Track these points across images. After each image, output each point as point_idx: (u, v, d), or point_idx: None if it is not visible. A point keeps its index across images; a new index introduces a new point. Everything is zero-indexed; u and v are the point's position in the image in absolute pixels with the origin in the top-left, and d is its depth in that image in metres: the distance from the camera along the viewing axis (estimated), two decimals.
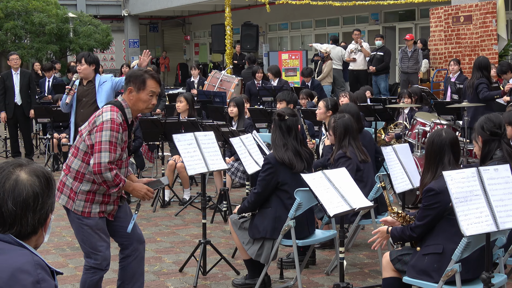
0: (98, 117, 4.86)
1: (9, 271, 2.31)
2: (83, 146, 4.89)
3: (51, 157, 12.32)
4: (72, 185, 4.91)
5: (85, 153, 4.87)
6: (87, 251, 5.06)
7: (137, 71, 5.00)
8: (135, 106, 4.94)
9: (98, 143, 4.77)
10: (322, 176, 5.32)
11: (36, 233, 2.46)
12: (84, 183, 4.89)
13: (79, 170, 4.89)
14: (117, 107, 4.90)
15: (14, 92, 12.77)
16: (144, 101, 4.92)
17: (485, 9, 15.94)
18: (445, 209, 4.69)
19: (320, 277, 6.54)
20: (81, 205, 4.91)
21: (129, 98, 4.93)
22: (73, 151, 4.97)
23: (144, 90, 4.90)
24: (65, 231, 8.28)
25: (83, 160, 4.88)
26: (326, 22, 26.51)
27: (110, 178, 4.78)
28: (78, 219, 4.96)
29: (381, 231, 5.12)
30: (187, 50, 35.98)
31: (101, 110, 4.92)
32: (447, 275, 4.51)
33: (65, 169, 4.99)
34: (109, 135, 4.76)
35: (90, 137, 4.84)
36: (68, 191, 4.93)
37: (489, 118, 5.48)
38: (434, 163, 4.89)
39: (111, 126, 4.77)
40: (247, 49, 20.15)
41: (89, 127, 4.89)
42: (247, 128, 9.42)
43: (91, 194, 4.91)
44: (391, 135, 10.75)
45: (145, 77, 4.91)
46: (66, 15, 24.19)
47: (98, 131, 4.79)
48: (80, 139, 4.94)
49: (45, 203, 2.43)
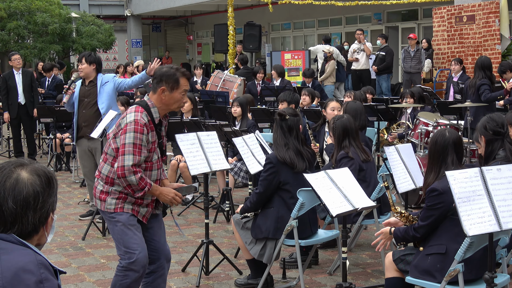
0: (123, 119, 4.75)
1: (13, 271, 2.32)
2: (111, 150, 4.78)
3: (54, 157, 12.33)
4: (103, 187, 4.83)
5: (113, 158, 4.76)
6: (121, 251, 4.85)
7: (168, 69, 4.83)
8: (167, 105, 4.83)
9: (122, 145, 4.66)
10: (325, 176, 5.32)
11: (37, 232, 2.46)
12: (115, 186, 4.79)
13: (108, 175, 4.79)
14: (143, 107, 4.77)
15: (17, 92, 12.78)
16: (177, 100, 4.83)
17: (488, 9, 15.92)
18: (449, 209, 4.69)
19: (323, 277, 6.54)
20: (112, 202, 4.80)
21: (160, 98, 4.79)
22: (103, 156, 4.87)
23: (178, 89, 4.79)
24: (68, 231, 8.29)
25: (111, 165, 4.77)
26: (328, 22, 26.51)
27: (134, 181, 4.66)
28: (112, 218, 4.84)
29: (384, 232, 5.11)
30: (189, 50, 35.99)
31: (126, 111, 4.81)
32: (450, 275, 4.51)
33: (97, 175, 4.91)
34: (133, 137, 4.64)
35: (115, 140, 4.75)
36: (99, 193, 4.85)
37: (491, 118, 5.48)
38: (437, 163, 4.88)
39: (134, 127, 4.65)
40: (250, 49, 20.16)
41: (115, 130, 4.80)
42: (250, 128, 9.42)
43: (123, 193, 4.80)
44: (394, 135, 10.74)
45: (178, 75, 4.79)
46: (69, 15, 24.21)
47: (122, 134, 4.69)
48: (108, 144, 4.83)
49: (45, 201, 2.44)
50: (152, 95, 4.84)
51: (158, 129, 4.86)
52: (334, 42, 25.94)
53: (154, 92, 4.82)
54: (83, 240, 7.86)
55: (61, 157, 12.55)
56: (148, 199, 4.84)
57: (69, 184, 11.36)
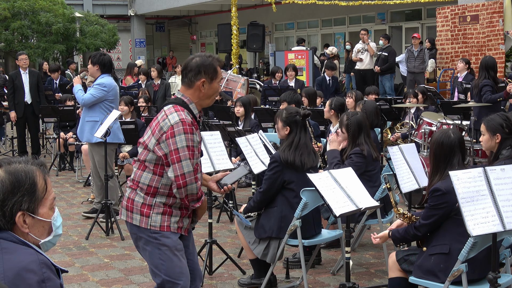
0: (163, 122, 4.18)
1: (15, 270, 2.32)
2: (151, 157, 4.21)
3: (57, 156, 12.34)
4: (145, 199, 4.23)
5: (155, 164, 4.20)
6: (162, 280, 4.26)
7: (204, 59, 4.30)
8: (207, 98, 4.35)
9: (173, 151, 4.10)
10: (328, 176, 5.32)
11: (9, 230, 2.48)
12: (159, 197, 4.23)
13: (150, 184, 4.22)
14: (180, 105, 4.26)
15: (24, 91, 12.80)
16: (216, 90, 4.36)
17: (492, 8, 15.90)
18: (452, 209, 4.68)
19: (326, 277, 6.53)
20: (158, 219, 4.21)
21: (199, 92, 4.27)
22: (139, 164, 4.29)
23: (216, 78, 4.32)
24: (72, 230, 8.30)
25: (154, 173, 4.21)
26: (332, 21, 26.49)
27: (195, 190, 4.16)
28: (155, 239, 4.22)
29: (382, 237, 5.11)
30: (193, 50, 35.99)
31: (164, 113, 4.23)
32: (454, 275, 4.50)
33: (133, 185, 4.31)
34: (184, 139, 4.11)
35: (160, 147, 4.15)
36: (139, 207, 4.24)
37: (507, 116, 5.48)
38: (443, 164, 4.85)
39: (183, 128, 4.12)
40: (253, 48, 20.14)
41: (154, 135, 4.20)
42: (253, 128, 9.41)
43: (167, 206, 4.24)
44: (398, 134, 10.74)
45: (215, 64, 4.32)
46: (72, 15, 24.24)
47: (169, 138, 4.12)
48: (145, 151, 4.26)
49: (6, 200, 2.45)
50: (186, 90, 4.32)
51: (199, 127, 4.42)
52: (337, 42, 25.96)
53: (190, 86, 4.30)
54: (87, 239, 7.86)
55: (65, 156, 12.56)
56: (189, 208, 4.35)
57: (73, 183, 11.36)
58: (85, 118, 8.46)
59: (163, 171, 4.19)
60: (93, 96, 8.33)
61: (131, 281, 6.43)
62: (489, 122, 5.53)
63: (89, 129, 8.36)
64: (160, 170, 4.20)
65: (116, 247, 7.57)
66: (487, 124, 5.52)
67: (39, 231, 2.52)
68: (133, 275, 6.60)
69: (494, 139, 5.47)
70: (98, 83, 8.36)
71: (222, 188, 4.57)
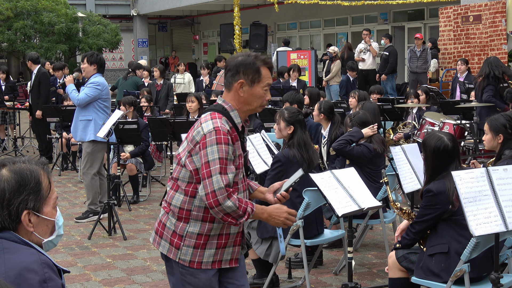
0: (196, 131, 3.66)
1: (16, 270, 2.33)
2: (184, 175, 3.68)
3: (60, 156, 12.35)
4: (176, 227, 3.70)
5: (187, 183, 3.67)
6: None
7: (245, 58, 3.74)
8: (246, 104, 3.75)
9: (204, 165, 3.55)
10: (331, 175, 5.32)
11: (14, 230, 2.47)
12: (191, 223, 3.67)
13: (182, 207, 3.68)
14: (219, 112, 3.70)
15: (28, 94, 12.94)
16: (259, 96, 3.74)
17: (495, 8, 15.89)
18: (444, 211, 4.68)
19: (329, 277, 6.53)
20: (189, 252, 3.67)
21: (237, 95, 3.72)
22: (172, 183, 3.78)
23: (260, 83, 3.71)
24: (74, 230, 8.30)
25: (186, 193, 3.67)
26: (335, 21, 26.49)
27: (233, 206, 3.53)
28: (181, 274, 3.72)
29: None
30: (195, 50, 36.02)
31: (200, 121, 3.70)
32: (456, 275, 4.50)
33: (165, 207, 3.80)
34: (217, 150, 3.54)
35: (192, 160, 3.63)
36: (170, 235, 3.72)
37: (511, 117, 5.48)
38: (440, 171, 4.81)
39: (217, 138, 3.55)
40: (256, 48, 20.15)
41: (187, 146, 3.69)
42: (257, 128, 9.41)
43: (202, 237, 3.67)
44: (400, 135, 10.73)
45: (258, 64, 3.72)
46: (75, 15, 24.28)
47: (201, 149, 3.58)
48: (178, 167, 3.74)
49: (12, 199, 2.45)
50: (226, 94, 3.77)
51: (242, 138, 3.80)
52: (340, 42, 25.94)
53: (230, 89, 3.75)
54: (89, 239, 7.86)
55: (67, 156, 12.57)
56: (234, 232, 3.76)
57: (75, 183, 11.37)
58: (78, 117, 8.50)
59: (196, 191, 3.64)
60: (87, 96, 8.37)
61: (133, 281, 6.44)
62: (492, 122, 5.52)
63: (83, 128, 8.44)
64: (192, 189, 3.65)
65: (118, 247, 7.57)
66: (491, 124, 5.51)
67: (43, 230, 2.53)
68: (136, 275, 6.60)
69: (496, 139, 5.47)
70: (92, 82, 8.41)
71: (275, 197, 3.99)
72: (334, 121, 7.95)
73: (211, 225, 3.66)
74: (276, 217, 3.75)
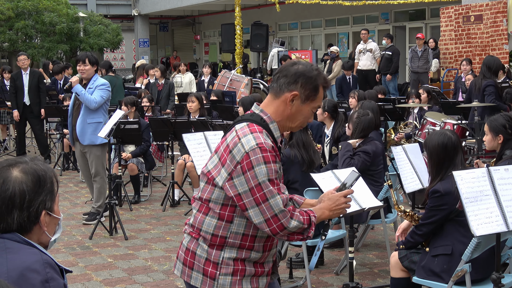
0: (235, 148, 3.14)
1: (19, 270, 2.32)
2: (218, 196, 3.20)
3: (61, 156, 12.36)
4: (209, 254, 3.22)
5: (222, 206, 3.20)
6: None
7: (308, 69, 3.26)
8: (289, 120, 3.29)
9: (256, 188, 3.09)
10: (332, 176, 5.32)
11: (29, 231, 2.46)
12: (227, 250, 3.22)
13: (216, 233, 3.21)
14: (258, 123, 3.22)
15: (24, 93, 12.82)
16: (305, 116, 3.30)
17: (496, 8, 15.88)
18: (451, 211, 4.68)
19: (330, 277, 6.53)
20: (227, 282, 3.21)
21: (284, 107, 3.25)
22: (200, 204, 3.29)
23: (312, 102, 3.27)
24: (75, 230, 8.30)
25: (220, 217, 3.21)
26: (336, 21, 26.49)
27: (299, 224, 3.14)
28: None
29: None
30: (197, 50, 36.04)
31: (236, 134, 3.18)
32: (457, 275, 4.50)
33: (192, 232, 3.32)
34: (266, 172, 3.10)
35: (233, 184, 3.12)
36: (203, 264, 3.24)
37: (511, 117, 5.49)
38: (446, 166, 4.84)
39: (263, 156, 3.10)
40: (257, 48, 20.16)
41: (225, 166, 3.16)
42: None
43: (239, 263, 3.23)
44: (401, 134, 10.73)
45: (319, 82, 3.26)
46: (76, 15, 24.29)
47: (246, 171, 3.09)
48: (209, 186, 3.24)
49: (33, 200, 2.43)
50: (270, 102, 3.29)
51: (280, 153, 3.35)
52: (341, 42, 25.95)
53: (277, 96, 3.26)
54: (90, 239, 7.87)
55: (68, 156, 12.58)
56: (269, 262, 3.37)
57: (76, 183, 11.38)
58: (86, 120, 8.23)
59: (233, 215, 3.20)
60: (103, 98, 8.23)
61: (134, 281, 6.44)
62: (492, 122, 5.53)
63: (92, 131, 8.20)
64: (229, 213, 3.20)
65: (119, 247, 7.58)
66: (490, 124, 5.52)
67: (52, 229, 2.54)
68: (137, 275, 6.60)
69: (496, 139, 5.47)
70: (102, 83, 8.26)
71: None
72: (337, 120, 7.95)
73: (249, 252, 3.24)
74: (336, 208, 3.34)
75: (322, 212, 3.30)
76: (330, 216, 3.34)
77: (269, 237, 3.26)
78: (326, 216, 3.32)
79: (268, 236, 3.26)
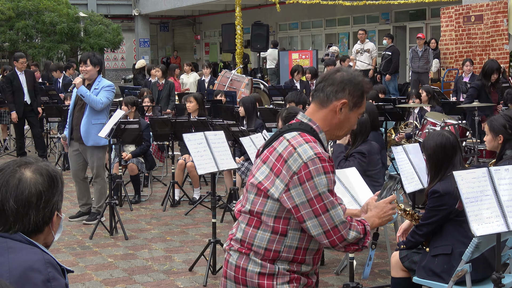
0: (291, 158, 3.02)
1: (20, 270, 2.33)
2: (271, 208, 3.06)
3: (62, 156, 12.36)
4: (263, 267, 3.09)
5: (276, 218, 3.06)
6: None
7: (353, 76, 3.20)
8: (337, 129, 3.22)
9: (315, 199, 2.99)
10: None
11: (41, 231, 2.46)
12: (281, 261, 3.11)
13: (269, 247, 3.08)
14: (309, 133, 3.12)
15: (23, 92, 12.84)
16: (351, 124, 3.24)
17: (496, 8, 15.88)
18: (451, 211, 4.69)
19: (330, 277, 6.53)
20: None
21: (333, 116, 3.17)
22: (249, 217, 3.14)
23: (359, 109, 3.21)
24: (76, 230, 8.31)
25: (274, 231, 3.07)
26: (336, 21, 26.50)
27: (357, 234, 3.08)
28: None
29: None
30: (197, 50, 36.06)
31: (290, 144, 3.06)
32: (457, 275, 4.50)
33: (242, 248, 3.14)
34: (326, 182, 3.01)
35: (290, 195, 3.00)
36: (257, 279, 3.09)
37: (511, 117, 5.49)
38: (445, 166, 4.84)
39: (323, 166, 3.01)
40: (257, 48, 20.16)
41: (280, 177, 3.04)
42: (258, 128, 9.42)
43: (293, 271, 3.14)
44: (402, 134, 10.73)
45: (365, 87, 3.21)
46: (77, 15, 24.30)
47: (304, 182, 2.99)
48: (261, 198, 3.10)
49: (49, 201, 2.44)
50: (316, 111, 3.20)
51: None
52: (341, 42, 25.96)
53: (324, 105, 3.17)
54: (91, 239, 7.87)
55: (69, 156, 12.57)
56: (313, 275, 3.30)
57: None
58: (91, 120, 8.18)
59: (287, 228, 3.07)
60: (109, 100, 8.23)
61: (135, 281, 6.44)
62: (492, 122, 5.53)
63: (97, 132, 8.15)
64: (283, 226, 3.07)
65: (120, 247, 7.58)
66: (490, 124, 5.53)
67: (56, 228, 2.55)
68: (137, 275, 6.61)
69: (497, 139, 5.47)
70: (108, 85, 8.27)
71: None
72: None
73: (299, 266, 3.15)
74: (384, 215, 3.31)
75: (373, 220, 3.27)
76: (380, 224, 3.31)
77: (319, 250, 3.21)
78: (376, 224, 3.29)
79: (319, 249, 3.20)
